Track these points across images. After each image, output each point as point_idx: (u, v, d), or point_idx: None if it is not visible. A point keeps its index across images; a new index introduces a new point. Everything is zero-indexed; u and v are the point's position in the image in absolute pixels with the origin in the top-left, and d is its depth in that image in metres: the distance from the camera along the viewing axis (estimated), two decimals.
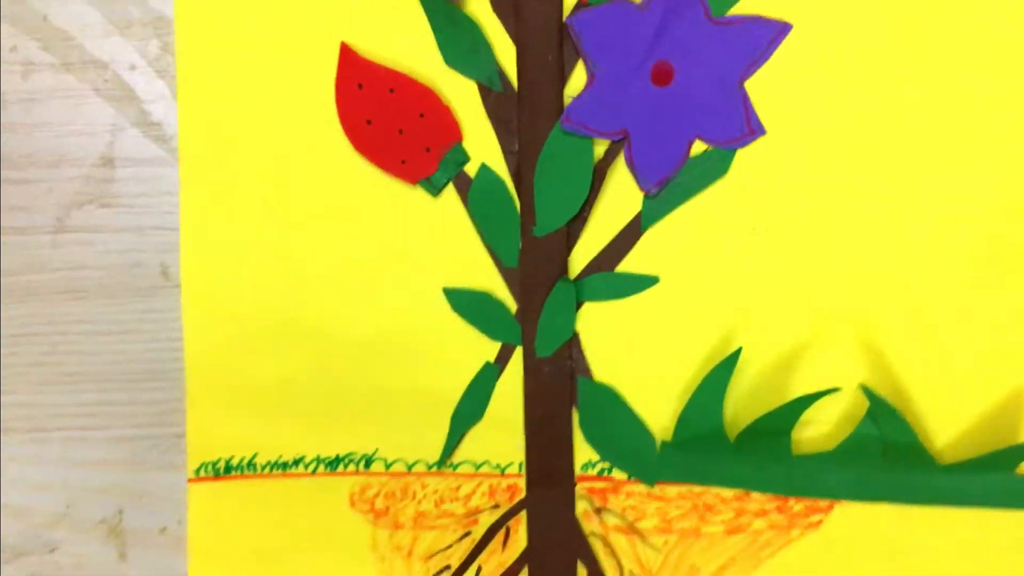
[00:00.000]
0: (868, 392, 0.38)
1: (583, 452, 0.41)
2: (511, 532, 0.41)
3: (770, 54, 0.38)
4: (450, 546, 0.42)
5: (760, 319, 0.39)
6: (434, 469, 0.41)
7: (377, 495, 0.42)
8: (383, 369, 0.41)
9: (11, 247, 0.43)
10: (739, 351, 0.39)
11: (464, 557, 0.42)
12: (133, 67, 0.42)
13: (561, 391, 0.40)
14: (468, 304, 0.40)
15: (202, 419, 0.42)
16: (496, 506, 0.41)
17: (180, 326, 0.42)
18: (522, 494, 0.41)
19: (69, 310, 0.43)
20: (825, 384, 0.39)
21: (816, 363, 0.39)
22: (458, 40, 0.39)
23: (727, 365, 0.39)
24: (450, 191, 0.40)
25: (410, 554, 0.42)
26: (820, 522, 0.40)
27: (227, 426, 0.42)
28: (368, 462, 0.41)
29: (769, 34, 0.38)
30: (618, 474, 0.41)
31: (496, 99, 0.40)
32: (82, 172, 0.43)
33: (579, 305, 0.40)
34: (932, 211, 0.38)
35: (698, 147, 0.39)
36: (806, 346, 0.39)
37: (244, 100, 0.41)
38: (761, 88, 0.38)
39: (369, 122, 0.40)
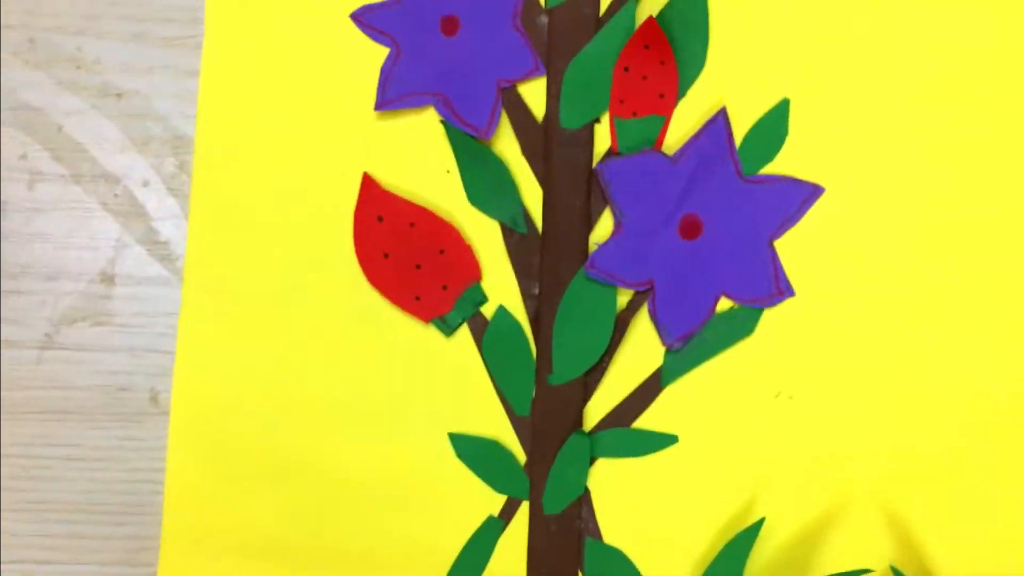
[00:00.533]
0: None
1: None
2: None
3: (802, 215, 0.37)
4: None
5: (783, 487, 0.37)
6: None
7: None
8: (377, 515, 0.38)
9: None
10: (761, 522, 0.37)
11: None
12: (146, 183, 0.41)
13: (568, 552, 0.38)
14: (474, 452, 0.38)
15: (175, 561, 0.39)
16: None
17: (163, 457, 0.39)
18: None
19: (46, 432, 0.40)
20: (850, 563, 0.36)
21: (842, 539, 0.37)
22: (484, 178, 0.39)
23: (748, 536, 0.36)
24: (464, 331, 0.39)
25: None
26: None
27: (201, 570, 0.38)
28: None
29: (801, 195, 0.37)
30: None
31: (519, 241, 0.39)
32: (79, 287, 0.41)
33: (592, 461, 0.38)
34: (965, 380, 0.37)
35: (724, 304, 0.38)
36: (831, 520, 0.37)
37: (258, 223, 0.39)
38: (791, 248, 0.37)
39: (386, 255, 0.39)
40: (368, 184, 0.39)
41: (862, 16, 0.38)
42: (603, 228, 0.38)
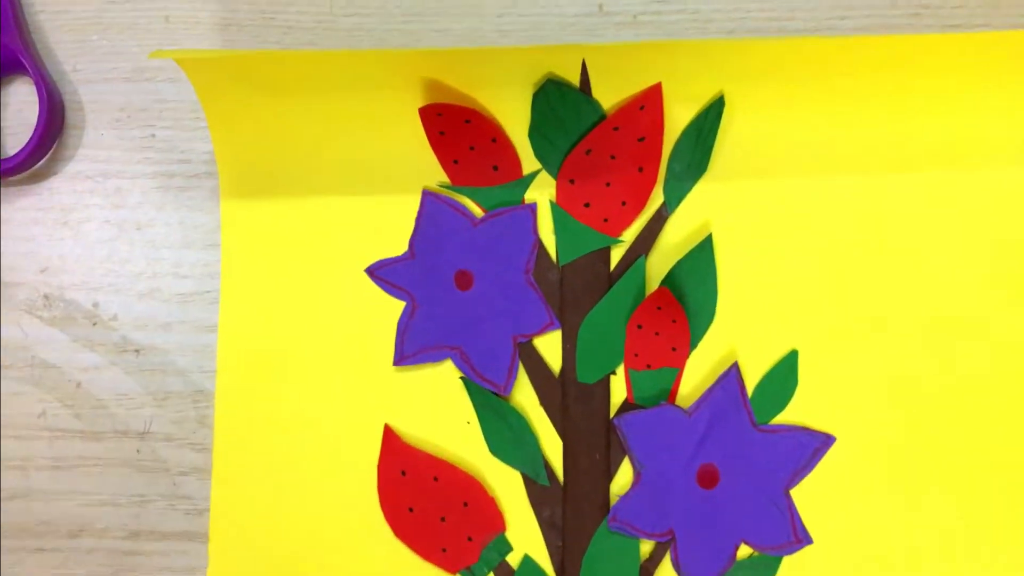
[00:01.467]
0: None
1: None
2: None
3: (815, 464, 0.39)
4: None
5: None
6: None
7: None
8: None
9: None
10: None
11: None
12: (168, 438, 0.41)
13: None
14: None
15: None
16: None
17: None
18: None
19: None
20: None
21: None
22: (504, 430, 0.40)
23: None
24: None
25: None
26: None
27: None
28: None
29: (813, 444, 0.39)
30: None
31: (541, 492, 0.40)
32: (103, 544, 0.41)
33: None
34: None
35: (744, 551, 0.39)
36: None
37: (281, 477, 0.40)
38: (808, 496, 0.39)
39: (411, 509, 0.40)
40: (390, 438, 0.40)
41: (866, 267, 0.39)
42: (623, 477, 0.39)
